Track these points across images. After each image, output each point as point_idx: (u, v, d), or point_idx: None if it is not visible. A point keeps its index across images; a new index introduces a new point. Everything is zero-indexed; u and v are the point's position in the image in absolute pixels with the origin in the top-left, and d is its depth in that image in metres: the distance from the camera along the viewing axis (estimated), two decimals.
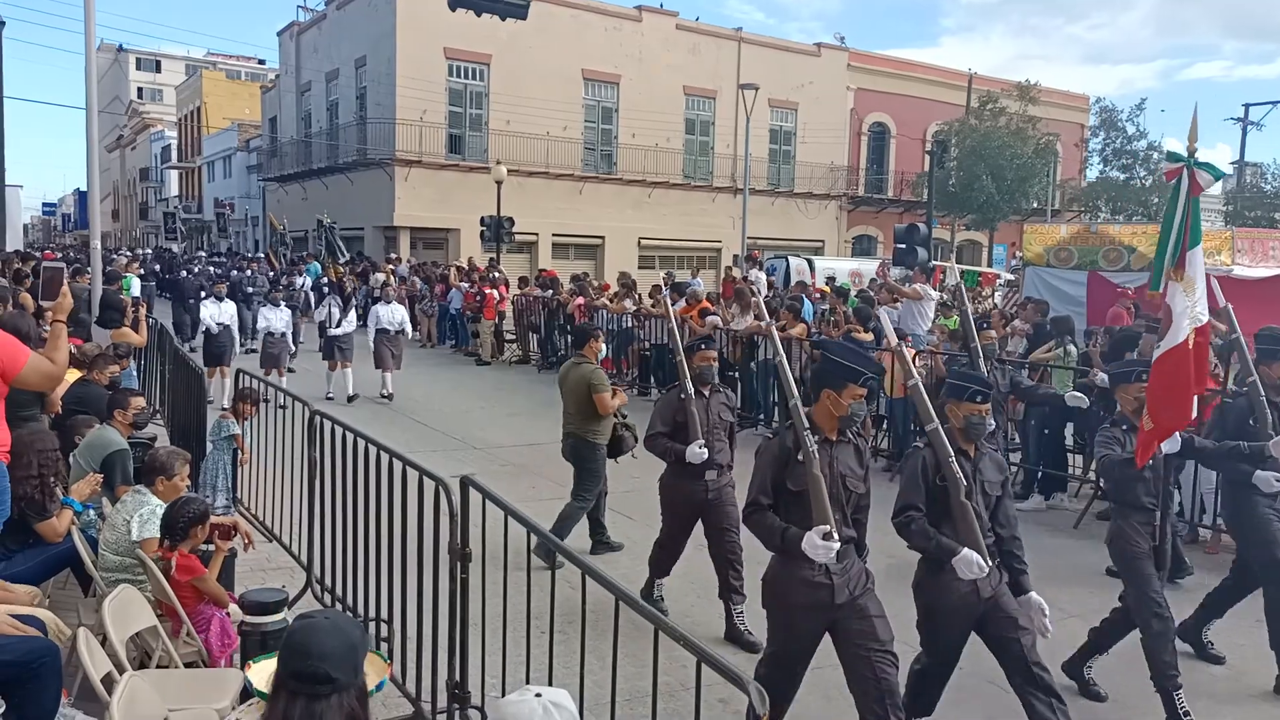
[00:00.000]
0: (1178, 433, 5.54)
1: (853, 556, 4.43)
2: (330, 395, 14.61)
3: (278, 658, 2.44)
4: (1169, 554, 5.58)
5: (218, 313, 14.58)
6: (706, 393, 6.63)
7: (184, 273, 23.93)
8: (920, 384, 4.64)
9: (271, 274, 25.16)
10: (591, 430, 7.84)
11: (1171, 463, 5.76)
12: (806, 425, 4.28)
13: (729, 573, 6.45)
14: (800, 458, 4.25)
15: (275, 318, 14.78)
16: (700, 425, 6.43)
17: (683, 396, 6.51)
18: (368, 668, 2.81)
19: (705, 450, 6.32)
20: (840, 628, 4.37)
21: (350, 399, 14.57)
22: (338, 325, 14.87)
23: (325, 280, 23.26)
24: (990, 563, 4.48)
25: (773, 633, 4.57)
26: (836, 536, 4.13)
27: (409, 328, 15.76)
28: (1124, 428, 5.63)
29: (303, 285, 22.65)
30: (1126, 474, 5.46)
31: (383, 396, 14.91)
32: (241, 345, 17.47)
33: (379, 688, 2.89)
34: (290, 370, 14.98)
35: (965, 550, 4.41)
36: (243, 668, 3.02)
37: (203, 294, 18.93)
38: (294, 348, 15.78)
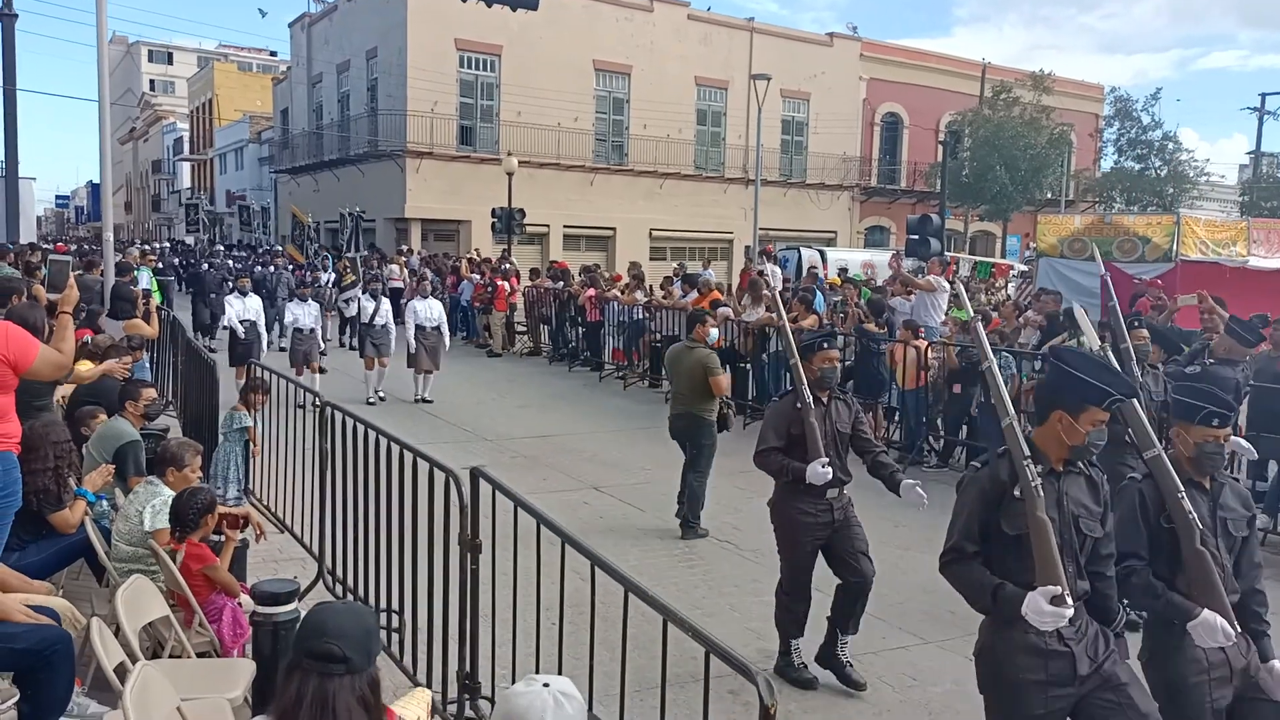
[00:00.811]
0: None
1: (1084, 615, 3.50)
2: (379, 396, 14.01)
3: (294, 640, 2.46)
4: None
5: (242, 309, 13.76)
6: (825, 399, 5.69)
7: (205, 266, 22.92)
8: (995, 366, 3.81)
9: (292, 267, 24.73)
10: (705, 409, 8.52)
11: None
12: (1027, 453, 3.44)
13: (858, 604, 5.64)
14: (1018, 493, 3.43)
15: (304, 313, 13.95)
16: (821, 438, 5.52)
17: (799, 405, 5.59)
18: (415, 700, 2.86)
19: (829, 469, 5.45)
20: (1088, 705, 3.44)
21: (371, 400, 13.73)
22: (371, 318, 14.17)
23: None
24: (1237, 627, 3.60)
25: None
26: (1069, 597, 3.30)
27: (446, 326, 14.75)
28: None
29: (327, 280, 21.96)
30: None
31: (417, 400, 14.17)
32: (269, 343, 16.84)
33: None
34: (321, 370, 14.34)
35: (1204, 612, 3.54)
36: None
37: (227, 288, 18.52)
38: (323, 345, 14.90)
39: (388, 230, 32.84)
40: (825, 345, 5.78)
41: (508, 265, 21.88)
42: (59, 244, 31.84)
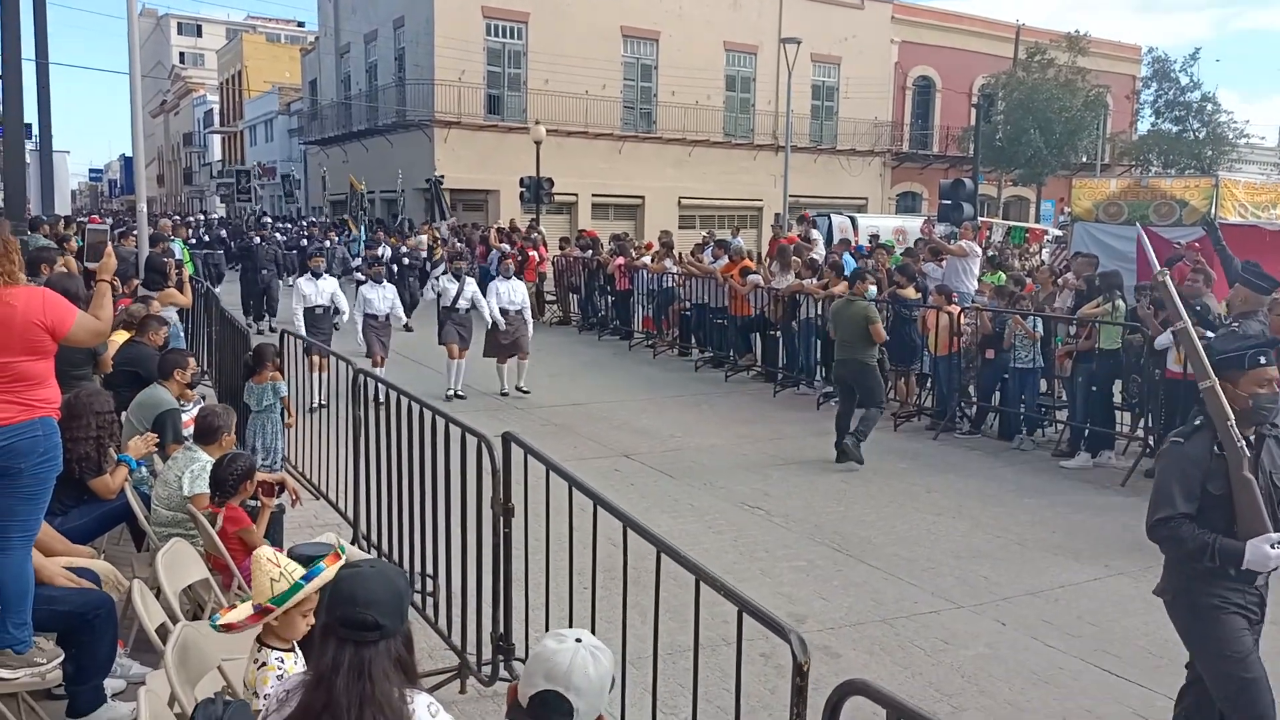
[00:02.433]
0: None
1: None
2: (456, 392, 12.24)
3: (325, 605, 2.48)
4: None
5: (315, 292, 11.78)
6: (1252, 436, 3.78)
7: (256, 239, 20.24)
8: (1190, 326, 3.77)
9: (348, 237, 23.26)
10: (868, 354, 9.78)
11: None
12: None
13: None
14: (1220, 451, 3.65)
15: (378, 297, 12.05)
16: (1265, 501, 3.72)
17: (1217, 451, 3.72)
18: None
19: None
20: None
21: (450, 396, 12.06)
22: (454, 301, 12.45)
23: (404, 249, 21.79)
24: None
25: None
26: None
27: (529, 309, 13.21)
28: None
29: (384, 256, 19.20)
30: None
31: (503, 393, 12.59)
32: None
33: (315, 571, 3.12)
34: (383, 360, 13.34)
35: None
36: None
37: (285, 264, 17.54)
38: (405, 319, 13.05)
39: (416, 200, 32.91)
40: (1263, 360, 3.80)
41: (535, 234, 21.86)
42: (93, 216, 32.05)
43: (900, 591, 6.46)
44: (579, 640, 2.26)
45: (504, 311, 12.54)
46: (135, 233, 13.52)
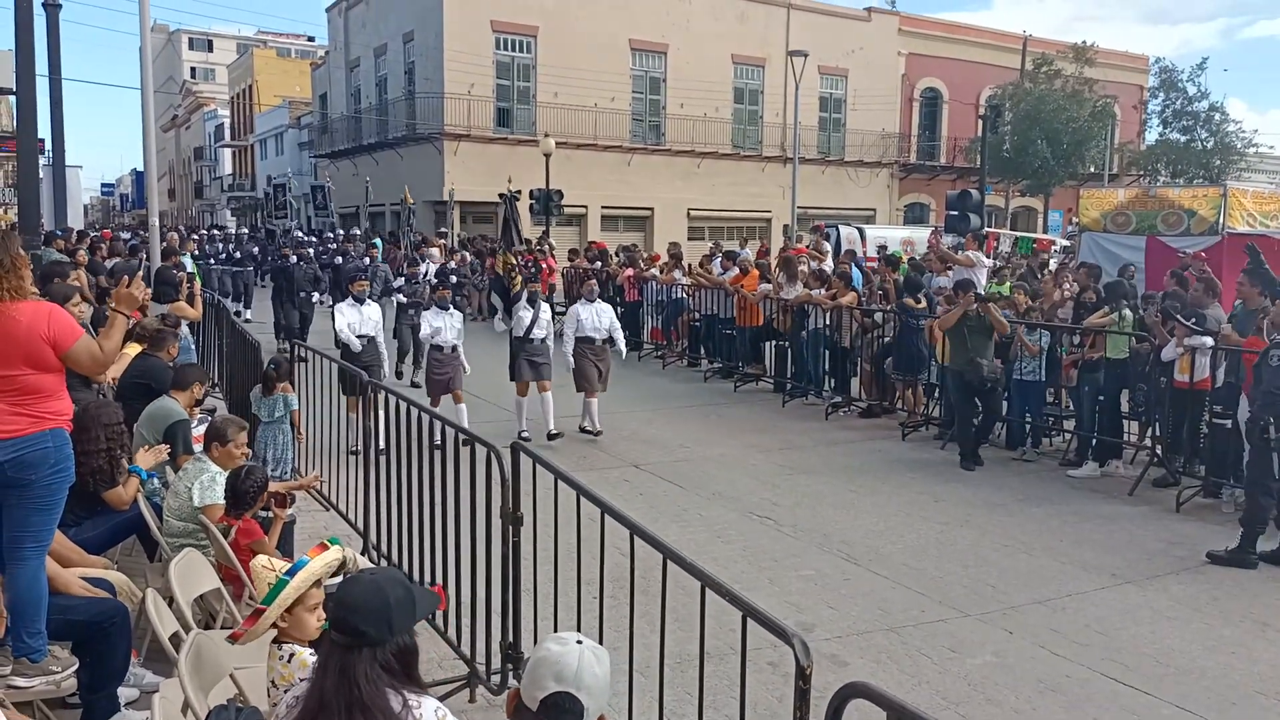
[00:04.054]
0: None
1: None
2: (526, 434, 10.28)
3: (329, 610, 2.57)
4: None
5: (359, 320, 10.38)
6: None
7: (294, 258, 17.41)
8: None
9: (387, 256, 20.88)
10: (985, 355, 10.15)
11: None
12: None
13: None
14: None
15: (447, 325, 10.40)
16: None
17: None
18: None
19: None
20: None
21: (553, 436, 10.57)
22: (528, 331, 10.78)
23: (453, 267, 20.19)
24: None
25: None
26: None
27: (620, 336, 11.49)
28: None
29: (425, 273, 16.53)
30: None
31: (584, 430, 11.00)
32: (398, 371, 13.87)
33: (299, 564, 3.19)
34: (415, 383, 12.06)
35: None
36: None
37: (323, 288, 16.36)
38: (466, 366, 10.86)
39: (426, 213, 33.04)
40: None
41: (544, 246, 21.91)
42: (105, 230, 32.12)
43: (908, 600, 6.48)
44: (579, 642, 2.30)
45: (588, 340, 11.09)
46: (144, 247, 13.62)
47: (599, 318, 11.25)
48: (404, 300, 14.68)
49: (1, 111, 26.08)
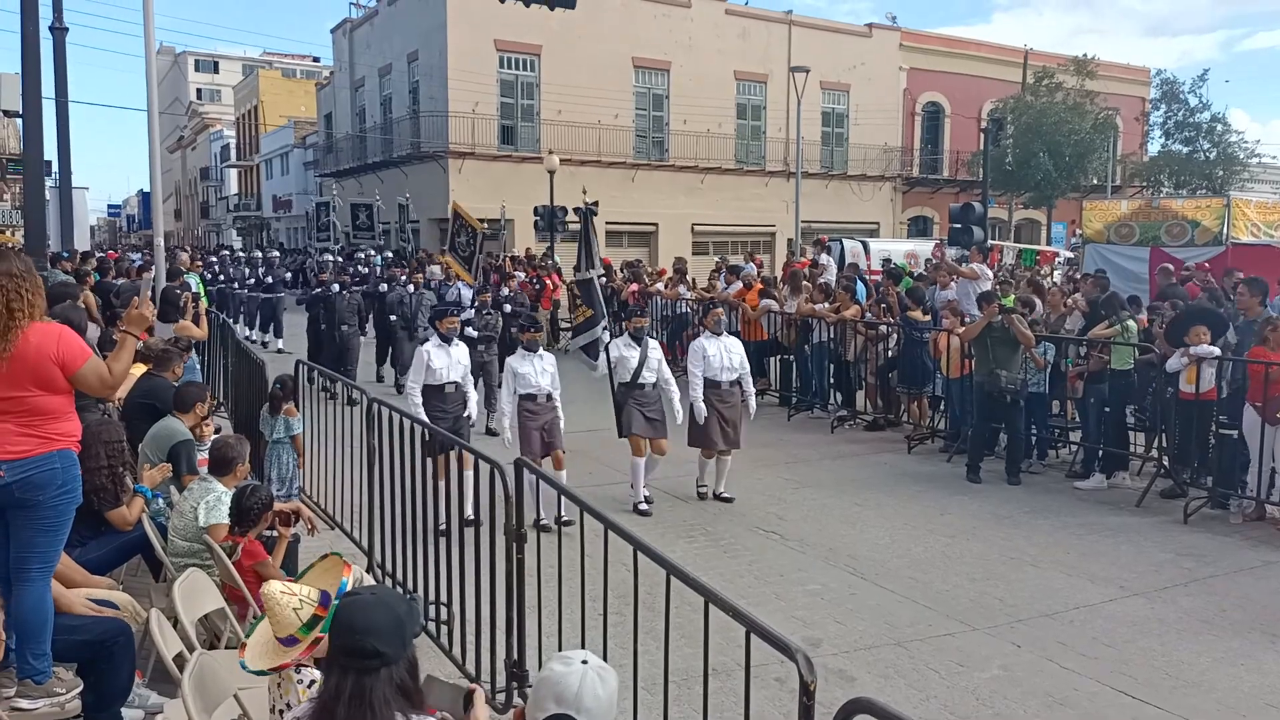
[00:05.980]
0: None
1: None
2: (645, 507, 8.71)
3: (329, 635, 2.51)
4: None
5: (447, 363, 8.39)
6: None
7: (335, 287, 15.22)
8: None
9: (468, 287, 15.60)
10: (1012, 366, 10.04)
11: None
12: None
13: None
14: None
15: (536, 370, 8.49)
16: None
17: None
18: (326, 571, 2.94)
19: None
20: None
21: (643, 506, 8.73)
22: (636, 375, 8.88)
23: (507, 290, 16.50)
24: None
25: None
26: None
27: (750, 381, 9.43)
28: None
29: (460, 299, 14.11)
30: None
31: (716, 496, 9.18)
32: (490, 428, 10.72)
33: (342, 588, 2.97)
34: (491, 430, 10.20)
35: None
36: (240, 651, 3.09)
37: (398, 324, 14.16)
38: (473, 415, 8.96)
39: (431, 231, 33.12)
40: None
41: (547, 263, 21.92)
42: (111, 252, 32.18)
43: (915, 614, 6.45)
44: (584, 662, 2.29)
45: (713, 384, 9.11)
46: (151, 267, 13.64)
47: (728, 355, 9.18)
48: (474, 334, 12.30)
49: (9, 134, 26.23)
